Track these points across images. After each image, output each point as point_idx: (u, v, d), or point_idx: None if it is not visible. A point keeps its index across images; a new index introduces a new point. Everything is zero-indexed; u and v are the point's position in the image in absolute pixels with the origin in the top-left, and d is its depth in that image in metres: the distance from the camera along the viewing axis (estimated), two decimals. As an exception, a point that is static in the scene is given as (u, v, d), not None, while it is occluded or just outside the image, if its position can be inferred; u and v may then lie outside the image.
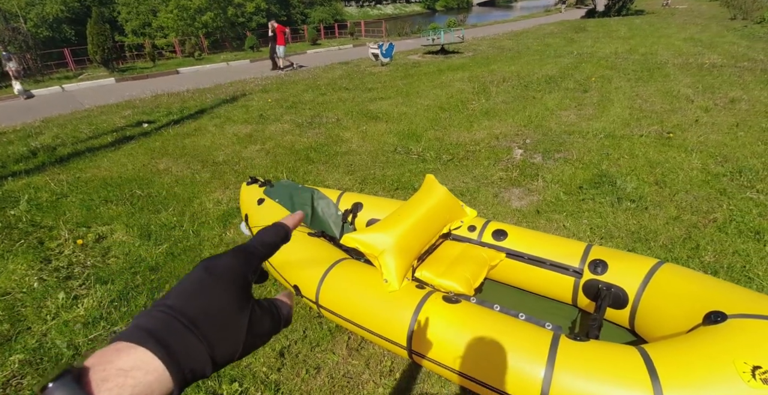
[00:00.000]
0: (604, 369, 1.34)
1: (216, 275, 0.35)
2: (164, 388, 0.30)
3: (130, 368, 0.29)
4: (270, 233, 0.42)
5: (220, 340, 0.33)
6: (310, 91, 8.22)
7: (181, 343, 0.31)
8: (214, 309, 0.34)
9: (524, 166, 3.83)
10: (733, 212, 2.85)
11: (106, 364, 0.29)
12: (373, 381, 1.75)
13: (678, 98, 5.53)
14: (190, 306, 0.33)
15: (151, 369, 0.29)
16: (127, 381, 0.28)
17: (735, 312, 1.43)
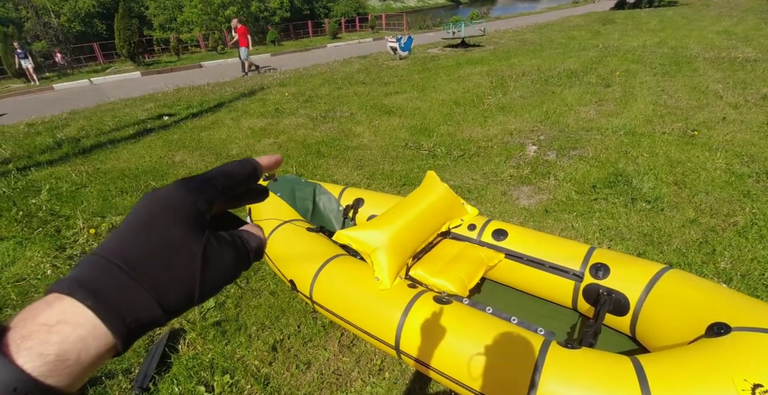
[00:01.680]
0: (593, 378, 1.28)
1: (156, 207, 0.30)
2: (102, 343, 0.26)
3: (55, 322, 0.25)
4: (234, 165, 0.36)
5: (166, 282, 0.29)
6: (327, 85, 8.22)
7: (117, 289, 0.27)
8: (156, 247, 0.29)
9: (536, 163, 3.73)
10: (755, 215, 2.69)
11: (30, 320, 0.25)
12: (362, 380, 1.74)
13: (706, 94, 5.26)
14: (126, 246, 0.28)
15: (80, 321, 0.25)
16: (51, 337, 0.25)
17: (740, 324, 1.35)
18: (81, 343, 0.25)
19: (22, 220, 3.49)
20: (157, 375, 1.85)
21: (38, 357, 0.24)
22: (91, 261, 0.28)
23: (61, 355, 0.24)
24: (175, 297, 0.29)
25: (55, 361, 0.24)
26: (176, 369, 1.88)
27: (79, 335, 0.25)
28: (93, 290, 0.26)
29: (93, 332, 0.25)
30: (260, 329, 2.08)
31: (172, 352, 1.98)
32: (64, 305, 0.26)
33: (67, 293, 0.26)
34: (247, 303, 2.27)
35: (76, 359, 0.25)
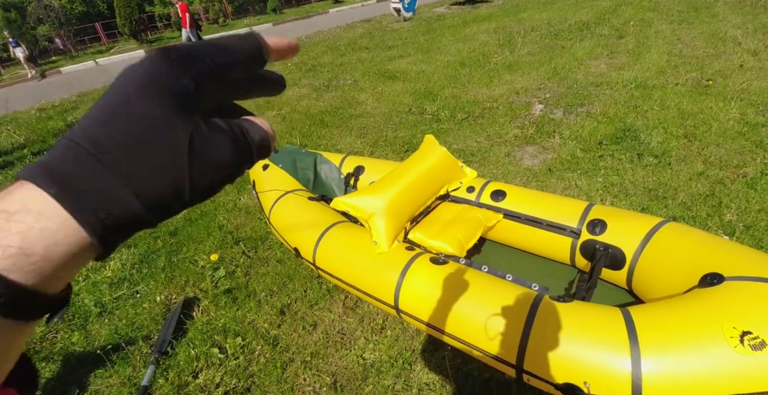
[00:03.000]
0: (582, 329, 1.32)
1: (136, 82, 0.25)
2: (73, 239, 0.23)
3: (16, 210, 0.22)
4: (232, 37, 0.29)
5: (144, 170, 0.24)
6: (330, 52, 8.03)
7: (85, 177, 0.23)
8: (131, 128, 0.24)
9: (542, 122, 3.64)
10: (767, 166, 2.61)
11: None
12: (365, 338, 1.82)
13: (724, 41, 4.96)
14: (98, 128, 0.24)
15: (45, 211, 0.22)
16: (12, 226, 0.22)
17: (733, 274, 1.35)
18: (48, 237, 0.22)
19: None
20: (174, 340, 1.97)
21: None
22: (61, 145, 0.24)
23: (25, 248, 0.22)
24: (156, 189, 0.24)
25: (18, 254, 0.21)
26: (192, 334, 2.00)
27: (45, 227, 0.22)
28: (58, 176, 0.23)
29: (62, 225, 0.22)
30: (269, 295, 2.17)
31: (187, 319, 2.09)
32: (27, 192, 0.23)
33: (30, 179, 0.23)
34: (256, 271, 2.37)
35: (43, 254, 0.22)
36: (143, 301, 2.30)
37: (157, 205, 0.25)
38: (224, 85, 0.28)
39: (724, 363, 1.15)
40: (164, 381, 1.77)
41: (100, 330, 2.14)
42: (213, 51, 0.27)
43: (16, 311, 0.22)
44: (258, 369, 1.76)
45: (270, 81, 0.33)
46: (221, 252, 2.55)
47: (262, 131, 0.29)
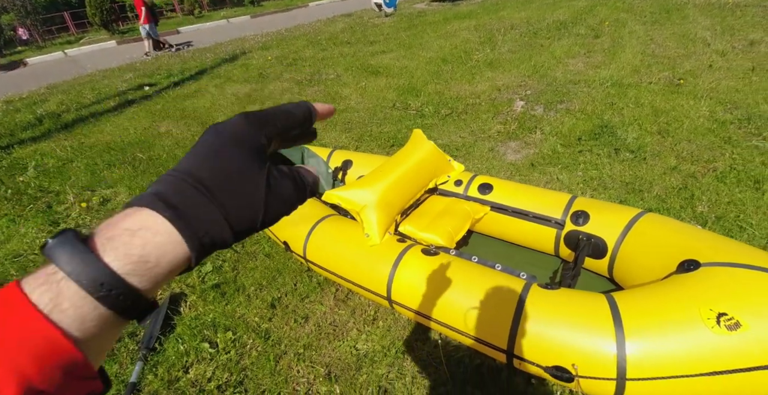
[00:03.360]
0: (570, 315, 1.38)
1: (225, 136, 0.33)
2: (179, 252, 0.28)
3: (138, 228, 0.27)
4: (292, 106, 0.38)
5: (234, 203, 0.31)
6: (311, 46, 7.96)
7: (192, 205, 0.29)
8: (226, 170, 0.31)
9: (524, 118, 3.73)
10: (735, 161, 2.76)
11: (112, 226, 0.28)
12: (357, 329, 1.85)
13: (694, 42, 5.18)
14: (199, 168, 0.31)
15: (160, 229, 0.28)
16: (135, 241, 0.27)
17: (709, 260, 1.43)
18: (160, 249, 0.27)
19: (11, 198, 3.48)
20: (162, 336, 1.94)
21: (123, 257, 0.26)
22: (167, 180, 0.30)
23: (143, 257, 0.27)
24: (242, 219, 0.31)
25: (138, 262, 0.26)
26: (180, 329, 1.98)
27: (159, 241, 0.27)
28: (171, 203, 0.28)
29: (170, 240, 0.28)
30: (258, 289, 2.16)
31: (174, 315, 2.07)
32: (144, 215, 0.28)
33: (147, 205, 0.28)
34: (244, 265, 2.35)
35: (156, 262, 0.27)
36: (127, 297, 2.25)
37: (239, 231, 0.31)
38: (285, 140, 0.38)
39: (703, 343, 1.22)
40: (153, 377, 1.75)
41: (83, 327, 2.09)
42: (280, 116, 0.36)
43: (128, 309, 0.26)
44: (250, 363, 1.76)
45: (310, 134, 0.42)
46: (207, 247, 2.51)
47: (313, 176, 0.38)
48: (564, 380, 1.36)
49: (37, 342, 0.23)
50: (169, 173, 0.31)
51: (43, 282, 0.25)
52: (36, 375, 0.22)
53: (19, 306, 0.24)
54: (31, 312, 0.24)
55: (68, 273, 0.25)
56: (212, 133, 0.33)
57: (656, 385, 1.24)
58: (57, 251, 0.25)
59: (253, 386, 1.66)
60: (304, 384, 1.64)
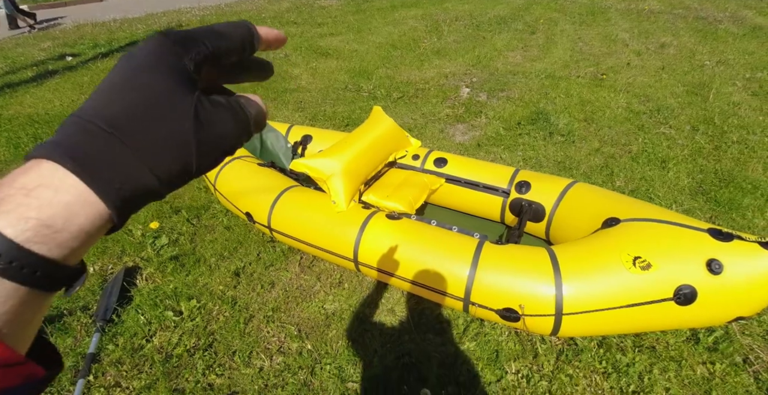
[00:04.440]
0: (518, 265, 1.59)
1: (137, 62, 0.26)
2: (92, 210, 0.24)
3: (34, 186, 0.23)
4: (225, 25, 0.31)
5: (155, 143, 0.25)
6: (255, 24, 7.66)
7: (101, 152, 0.24)
8: (140, 103, 0.25)
9: (470, 104, 3.97)
10: (646, 144, 3.19)
11: (6, 185, 0.23)
12: (324, 291, 1.94)
13: (615, 42, 5.78)
14: (107, 106, 0.25)
15: (62, 185, 0.23)
16: (30, 201, 0.22)
17: (627, 217, 1.71)
18: (66, 209, 0.23)
19: None
20: (119, 308, 1.90)
21: (18, 222, 0.22)
22: (70, 123, 0.25)
23: (45, 220, 0.22)
24: (167, 162, 0.26)
25: (38, 226, 0.22)
26: (138, 300, 1.94)
27: (63, 200, 0.23)
28: (74, 152, 0.23)
29: (80, 198, 0.23)
30: (219, 259, 2.17)
31: (131, 287, 2.01)
32: (43, 169, 0.23)
33: (46, 156, 0.23)
34: (202, 238, 2.33)
35: (62, 225, 0.23)
36: (74, 272, 2.14)
37: (168, 177, 0.26)
38: (218, 68, 0.31)
39: (622, 282, 1.48)
40: (115, 347, 1.72)
41: (26, 303, 1.97)
42: (210, 36, 0.29)
43: (39, 281, 0.22)
44: (218, 327, 1.79)
45: (259, 67, 0.35)
46: (161, 222, 2.45)
47: (257, 106, 0.32)
48: (512, 320, 1.57)
49: None
50: (71, 116, 0.25)
51: None
52: None
53: None
54: None
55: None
56: (123, 61, 0.27)
57: (586, 317, 1.49)
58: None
59: (223, 348, 1.70)
60: (275, 343, 1.71)
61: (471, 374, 1.56)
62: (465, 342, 1.67)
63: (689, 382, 1.55)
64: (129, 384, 1.57)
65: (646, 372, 1.58)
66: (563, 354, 1.63)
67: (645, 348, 1.66)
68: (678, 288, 1.47)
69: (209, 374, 1.59)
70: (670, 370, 1.58)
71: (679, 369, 1.59)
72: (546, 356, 1.62)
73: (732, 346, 1.66)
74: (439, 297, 1.70)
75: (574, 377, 1.55)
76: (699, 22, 6.52)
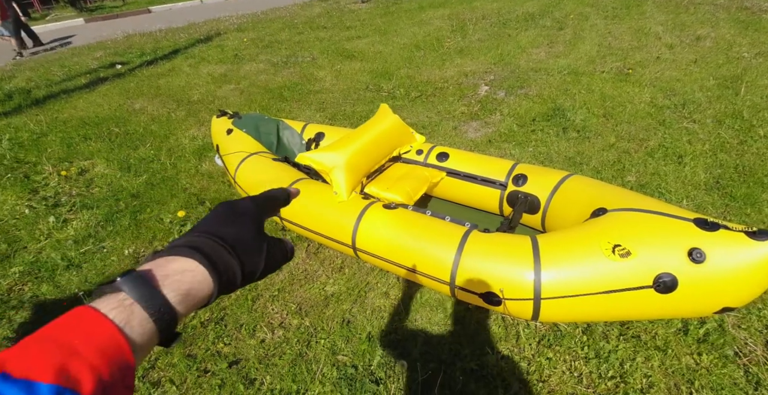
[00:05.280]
0: (499, 252, 1.66)
1: (240, 212, 0.47)
2: (208, 290, 0.39)
3: (183, 271, 0.38)
4: (274, 191, 0.55)
5: (245, 259, 0.43)
6: (287, 30, 8.01)
7: (220, 257, 0.41)
8: (241, 236, 0.44)
9: (486, 101, 4.01)
10: (665, 139, 3.12)
11: (162, 267, 0.38)
12: (326, 275, 2.09)
13: (648, 36, 5.58)
14: (221, 231, 0.43)
15: (198, 272, 0.39)
16: (184, 279, 0.37)
17: (614, 207, 1.74)
18: (198, 286, 0.39)
19: (-14, 168, 3.53)
20: (147, 285, 2.13)
21: (176, 291, 0.37)
22: (198, 237, 0.42)
23: (188, 293, 0.38)
24: (249, 270, 0.44)
25: (184, 295, 0.37)
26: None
27: (199, 280, 0.39)
28: (207, 256, 0.40)
29: (204, 280, 0.39)
30: (236, 245, 2.37)
31: (158, 267, 2.25)
32: (186, 261, 0.39)
33: (187, 255, 0.40)
34: (223, 226, 2.55)
35: (194, 296, 0.38)
36: (111, 255, 2.42)
37: (246, 280, 0.45)
38: (273, 214, 0.55)
39: (600, 268, 1.53)
40: (141, 317, 1.95)
41: (71, 279, 2.25)
42: (271, 201, 0.53)
43: (166, 329, 0.36)
44: (230, 304, 1.99)
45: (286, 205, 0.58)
46: (187, 212, 2.70)
47: (291, 246, 0.54)
48: (494, 304, 1.65)
49: (111, 349, 0.30)
50: (197, 234, 0.42)
51: (116, 306, 0.33)
52: (106, 375, 0.29)
53: (99, 321, 0.31)
54: (109, 326, 0.31)
55: (137, 300, 0.34)
56: (228, 207, 0.47)
57: (564, 302, 1.55)
58: (127, 285, 0.35)
59: (232, 321, 1.89)
60: (277, 318, 1.88)
61: (452, 353, 1.65)
62: (451, 324, 1.76)
63: (673, 371, 1.57)
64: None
65: (628, 360, 1.61)
66: (545, 339, 1.68)
67: (630, 337, 1.69)
68: (658, 276, 1.49)
69: (218, 343, 1.78)
70: (654, 359, 1.60)
71: (664, 358, 1.61)
72: (528, 340, 1.68)
73: (723, 339, 1.65)
74: (428, 281, 1.80)
75: (553, 360, 1.61)
76: (742, 13, 6.16)
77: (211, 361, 1.70)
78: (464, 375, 1.58)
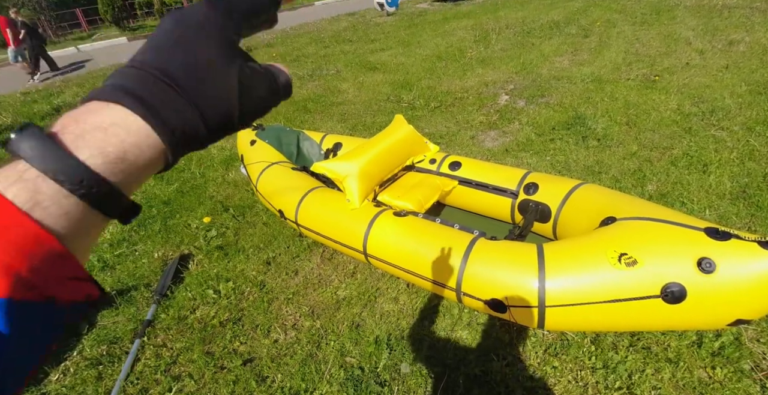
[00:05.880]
0: (505, 259, 1.69)
1: (192, 27, 0.30)
2: (155, 150, 0.27)
3: (109, 125, 0.26)
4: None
5: (207, 99, 0.29)
6: (314, 44, 8.28)
7: (162, 99, 0.27)
8: (196, 64, 0.29)
9: (505, 111, 4.03)
10: (690, 147, 3.04)
11: (79, 122, 0.26)
12: (339, 280, 2.17)
13: (677, 41, 5.44)
14: (165, 60, 0.29)
15: (133, 128, 0.26)
16: (109, 139, 0.25)
17: (623, 216, 1.73)
18: (136, 147, 0.26)
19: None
20: (173, 285, 2.27)
21: (99, 155, 0.25)
22: (131, 73, 0.28)
23: (120, 155, 0.26)
24: (215, 115, 0.30)
25: (115, 160, 0.26)
26: (188, 280, 2.31)
27: (134, 141, 0.26)
28: (141, 99, 0.27)
29: (146, 138, 0.27)
30: (256, 250, 2.49)
31: (184, 270, 2.40)
32: (114, 111, 0.26)
33: (114, 100, 0.26)
34: (244, 232, 2.68)
35: (133, 161, 0.26)
36: (142, 257, 2.59)
37: (214, 128, 0.31)
38: (252, 28, 0.34)
39: (606, 277, 1.53)
40: (166, 316, 2.08)
41: (105, 279, 2.43)
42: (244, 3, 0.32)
43: (105, 205, 0.26)
44: (247, 305, 2.09)
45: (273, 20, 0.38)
46: (213, 218, 2.85)
47: (286, 76, 0.36)
48: (499, 310, 1.67)
49: (22, 239, 0.23)
50: (131, 66, 0.29)
51: (16, 180, 0.24)
52: (24, 270, 0.22)
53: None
54: (11, 210, 0.23)
55: (44, 171, 0.24)
56: (176, 21, 0.30)
57: (569, 310, 1.55)
58: (25, 148, 0.24)
59: (249, 321, 1.99)
60: (291, 320, 1.96)
61: (457, 358, 1.68)
62: (457, 330, 1.79)
63: (684, 384, 1.54)
64: (173, 345, 1.90)
65: (637, 371, 1.58)
66: (551, 347, 1.68)
67: (641, 349, 1.66)
68: (665, 286, 1.47)
69: (235, 342, 1.88)
70: (665, 371, 1.57)
71: (675, 371, 1.57)
72: (534, 348, 1.69)
73: (739, 352, 1.60)
74: (436, 288, 1.84)
75: (559, 369, 1.61)
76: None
77: (228, 358, 1.80)
78: (468, 380, 1.60)
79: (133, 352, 1.87)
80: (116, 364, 1.85)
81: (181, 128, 0.28)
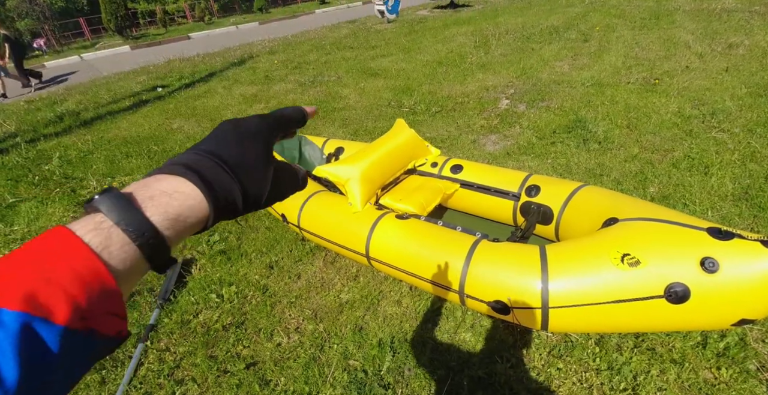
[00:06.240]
0: (507, 261, 1.69)
1: (244, 131, 0.39)
2: (202, 213, 0.34)
3: (173, 192, 0.32)
4: (291, 110, 0.46)
5: (248, 182, 0.37)
6: (315, 51, 8.35)
7: (215, 176, 0.35)
8: (244, 157, 0.38)
9: (506, 115, 4.04)
10: (692, 150, 3.05)
11: (149, 187, 0.32)
12: (341, 283, 2.17)
13: (677, 45, 5.47)
14: (221, 151, 0.37)
15: (192, 194, 0.33)
16: (172, 201, 0.32)
17: (625, 216, 1.73)
18: (190, 210, 0.33)
19: (39, 183, 3.86)
20: (176, 290, 2.28)
21: (163, 214, 0.31)
22: (193, 156, 0.36)
23: (178, 216, 0.32)
24: (251, 195, 0.38)
25: (173, 219, 0.32)
26: (191, 285, 2.31)
27: (191, 204, 0.33)
28: (198, 173, 0.34)
29: (198, 204, 0.34)
30: (259, 254, 2.49)
31: (187, 274, 2.40)
32: (178, 181, 0.33)
33: (178, 173, 0.34)
34: (247, 236, 2.68)
35: (185, 220, 0.33)
36: (145, 262, 2.59)
37: (249, 203, 0.39)
38: (285, 136, 0.47)
39: (609, 278, 1.52)
40: (169, 320, 2.08)
41: (108, 285, 2.43)
42: (284, 119, 0.45)
43: (154, 254, 0.31)
44: (250, 309, 2.09)
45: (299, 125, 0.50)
46: (215, 222, 2.86)
47: (303, 172, 0.48)
48: (502, 312, 1.67)
49: (88, 275, 0.27)
50: (193, 152, 0.37)
51: (93, 228, 0.29)
52: (83, 302, 0.26)
53: (74, 244, 0.28)
54: (85, 251, 0.28)
55: (116, 222, 0.29)
56: (234, 125, 0.40)
57: (572, 311, 1.55)
58: (105, 205, 0.30)
59: (251, 325, 1.99)
60: (294, 323, 1.96)
61: (461, 360, 1.67)
62: (461, 333, 1.78)
63: (689, 385, 1.53)
64: (176, 350, 1.90)
65: (642, 372, 1.57)
66: (556, 349, 1.68)
67: (645, 350, 1.65)
68: (669, 286, 1.47)
69: (238, 345, 1.88)
70: (670, 372, 1.56)
71: (681, 372, 1.56)
72: (538, 350, 1.68)
73: (744, 352, 1.59)
74: (439, 290, 1.84)
75: (563, 371, 1.60)
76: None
77: (231, 362, 1.80)
78: (472, 382, 1.59)
79: (136, 356, 1.87)
80: (119, 368, 1.84)
81: (224, 200, 0.36)
